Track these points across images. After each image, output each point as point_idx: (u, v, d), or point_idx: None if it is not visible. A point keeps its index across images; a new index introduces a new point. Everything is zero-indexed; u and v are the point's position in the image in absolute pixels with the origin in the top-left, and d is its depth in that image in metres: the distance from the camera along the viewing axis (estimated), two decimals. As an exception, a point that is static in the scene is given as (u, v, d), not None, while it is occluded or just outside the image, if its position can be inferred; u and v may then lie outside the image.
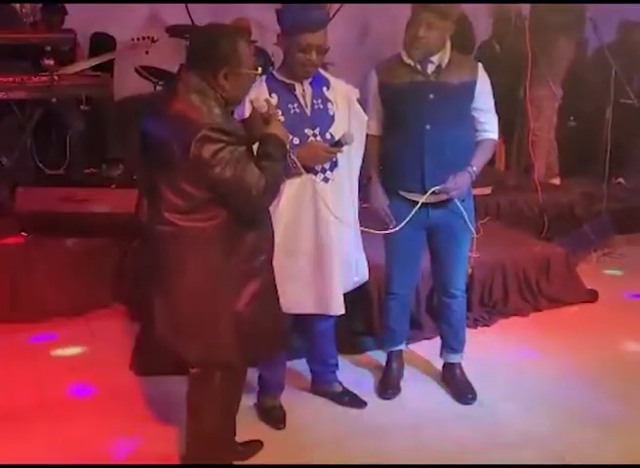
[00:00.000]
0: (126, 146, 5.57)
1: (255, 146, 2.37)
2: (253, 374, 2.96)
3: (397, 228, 3.00)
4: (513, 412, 3.22)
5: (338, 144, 2.71)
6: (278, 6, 2.73)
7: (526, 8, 5.84)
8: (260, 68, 2.37)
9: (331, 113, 2.81)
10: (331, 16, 4.97)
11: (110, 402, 3.23)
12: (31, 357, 3.63)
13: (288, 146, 2.46)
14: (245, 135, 2.29)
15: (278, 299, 2.52)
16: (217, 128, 2.15)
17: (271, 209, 2.49)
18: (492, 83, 3.06)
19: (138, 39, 5.30)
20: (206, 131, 2.13)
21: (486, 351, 3.75)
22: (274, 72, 2.81)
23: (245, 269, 2.34)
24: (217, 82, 2.25)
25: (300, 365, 3.34)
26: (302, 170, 2.68)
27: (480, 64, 3.04)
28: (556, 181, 6.12)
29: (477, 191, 4.10)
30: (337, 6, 6.15)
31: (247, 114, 2.57)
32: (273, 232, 2.48)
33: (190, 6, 5.41)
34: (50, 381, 3.40)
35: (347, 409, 3.20)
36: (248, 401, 3.06)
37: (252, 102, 2.46)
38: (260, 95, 2.64)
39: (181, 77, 2.29)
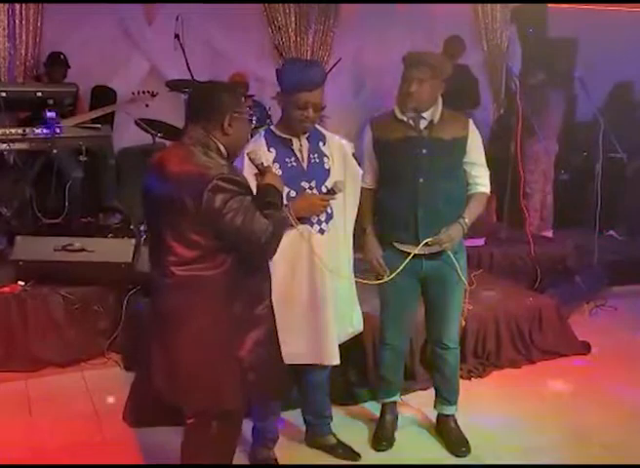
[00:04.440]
0: (123, 196, 5.64)
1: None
2: (247, 426, 2.96)
3: (390, 278, 3.04)
4: (507, 465, 3.21)
5: (330, 193, 2.80)
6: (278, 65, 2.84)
7: (517, 66, 6.02)
8: (254, 119, 2.51)
9: (327, 167, 2.88)
10: (327, 70, 5.12)
11: (103, 452, 3.21)
12: (25, 406, 3.61)
13: (285, 196, 2.52)
14: (250, 186, 2.37)
15: (279, 345, 2.54)
16: (227, 178, 2.23)
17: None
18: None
19: (138, 93, 5.42)
20: (217, 181, 2.21)
21: (480, 403, 3.75)
22: (272, 127, 2.89)
23: (247, 316, 2.37)
24: (222, 131, 2.34)
25: (295, 416, 3.33)
26: (297, 221, 2.73)
27: (471, 120, 3.13)
28: (549, 234, 6.19)
29: (470, 242, 4.16)
30: (334, 61, 6.33)
31: (245, 167, 2.65)
32: (271, 280, 2.52)
33: (190, 60, 5.53)
34: (43, 431, 3.38)
35: (341, 462, 3.18)
36: (241, 452, 3.05)
37: (248, 155, 2.54)
38: (258, 148, 2.72)
39: (186, 132, 2.38)
